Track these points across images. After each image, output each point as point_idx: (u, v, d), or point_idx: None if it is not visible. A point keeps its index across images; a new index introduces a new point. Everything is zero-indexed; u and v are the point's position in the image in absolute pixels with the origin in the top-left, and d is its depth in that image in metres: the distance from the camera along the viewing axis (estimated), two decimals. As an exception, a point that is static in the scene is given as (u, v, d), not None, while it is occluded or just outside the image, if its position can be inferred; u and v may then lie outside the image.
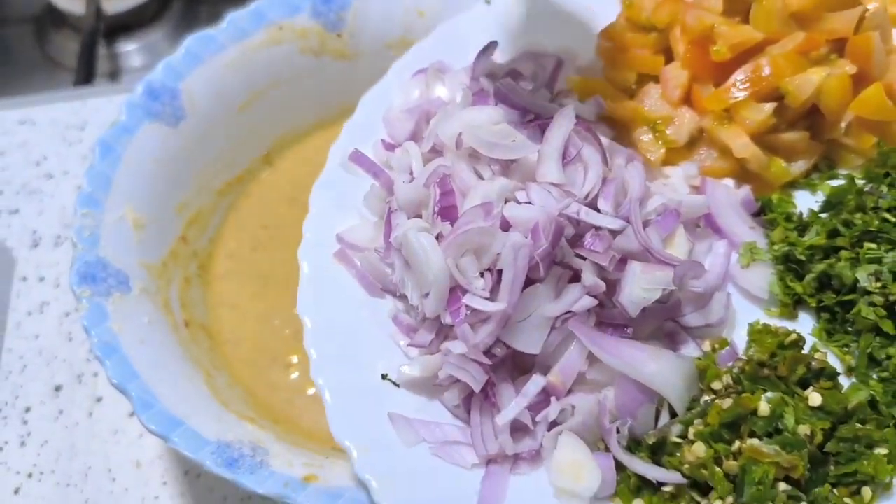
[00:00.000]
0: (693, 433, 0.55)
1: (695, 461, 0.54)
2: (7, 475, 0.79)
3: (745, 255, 0.64)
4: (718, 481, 0.53)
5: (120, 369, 0.63)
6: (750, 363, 0.57)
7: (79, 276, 0.67)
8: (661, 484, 0.55)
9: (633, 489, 0.56)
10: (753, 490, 0.51)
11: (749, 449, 0.52)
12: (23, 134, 1.03)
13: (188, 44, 0.80)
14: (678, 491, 0.55)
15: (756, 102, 0.67)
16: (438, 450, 0.58)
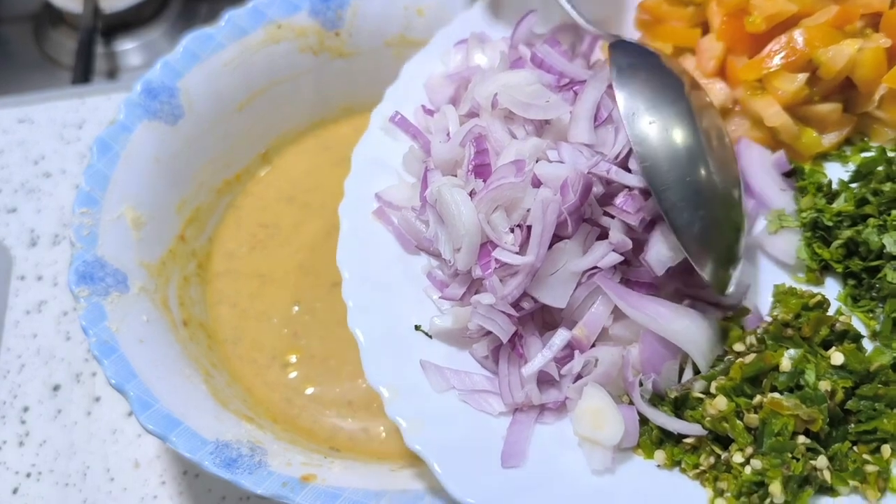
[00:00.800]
0: (715, 387, 0.56)
1: (716, 414, 0.55)
2: (5, 475, 0.79)
3: (774, 221, 0.65)
4: (739, 433, 0.54)
5: (118, 369, 0.62)
6: (774, 323, 0.58)
7: (77, 275, 0.66)
8: (682, 436, 0.56)
9: (655, 441, 0.57)
10: (773, 441, 0.53)
11: (770, 402, 0.54)
12: (21, 133, 1.03)
13: (186, 42, 0.79)
14: (699, 443, 0.56)
15: (789, 73, 0.67)
16: (467, 397, 0.60)
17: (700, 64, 0.72)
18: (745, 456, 0.54)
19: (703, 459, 0.56)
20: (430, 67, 0.77)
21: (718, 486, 0.55)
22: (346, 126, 0.89)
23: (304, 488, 0.58)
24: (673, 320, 0.58)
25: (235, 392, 0.72)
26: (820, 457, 0.53)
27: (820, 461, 0.53)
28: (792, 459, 0.53)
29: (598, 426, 0.56)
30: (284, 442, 0.65)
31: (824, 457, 0.53)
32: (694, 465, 0.56)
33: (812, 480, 0.53)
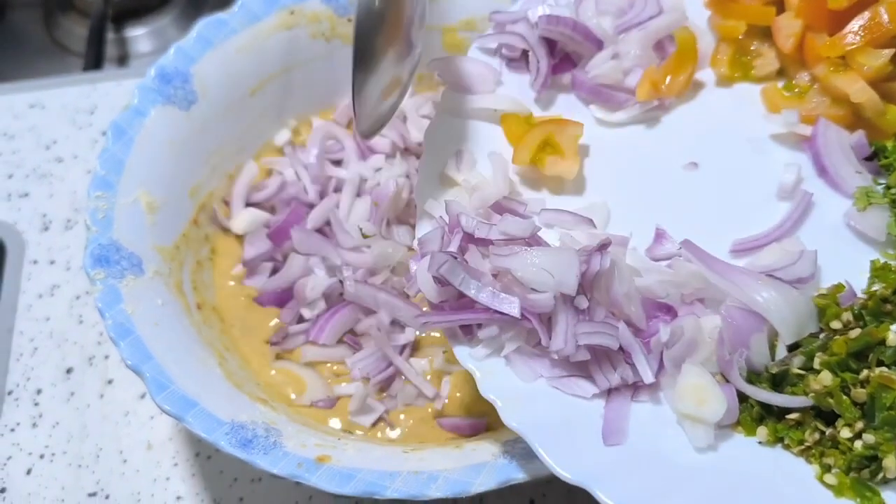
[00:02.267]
0: (819, 363, 0.55)
1: (821, 389, 0.54)
2: (19, 456, 0.79)
3: (862, 198, 0.64)
4: (846, 408, 0.54)
5: (134, 350, 0.63)
6: (873, 298, 0.57)
7: (92, 258, 0.67)
8: (783, 413, 0.56)
9: (756, 418, 0.57)
10: (885, 415, 0.52)
11: (879, 376, 0.53)
12: (33, 118, 1.03)
13: (200, 28, 0.80)
14: (803, 419, 0.55)
15: (874, 49, 0.67)
16: (556, 383, 0.59)
17: (777, 41, 0.72)
18: (855, 431, 0.53)
19: (808, 435, 0.55)
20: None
21: (825, 461, 0.54)
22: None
23: (320, 469, 0.58)
24: (759, 289, 0.57)
25: (248, 375, 0.72)
26: None
27: None
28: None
29: (700, 402, 0.55)
30: (298, 424, 0.66)
31: None
32: (799, 440, 0.55)
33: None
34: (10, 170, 0.99)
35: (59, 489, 0.77)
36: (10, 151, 1.01)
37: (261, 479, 0.77)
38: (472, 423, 0.71)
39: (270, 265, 0.80)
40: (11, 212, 0.96)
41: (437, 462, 0.60)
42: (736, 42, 0.75)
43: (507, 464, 0.59)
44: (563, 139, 0.68)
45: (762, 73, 0.74)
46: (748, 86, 0.74)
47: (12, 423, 0.81)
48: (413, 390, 0.73)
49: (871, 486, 0.53)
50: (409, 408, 0.73)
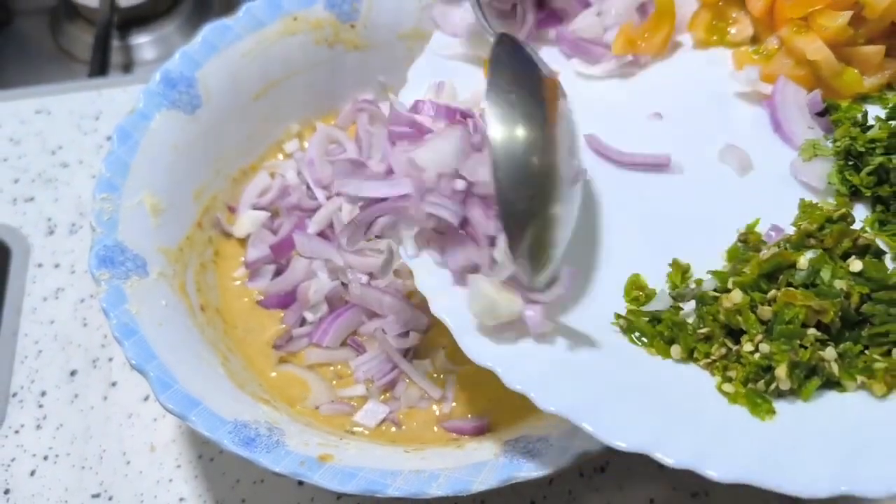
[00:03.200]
0: (731, 282, 0.58)
1: (731, 307, 0.57)
2: (23, 457, 0.80)
3: (808, 150, 0.68)
4: (751, 324, 0.56)
5: (138, 350, 0.63)
6: (797, 233, 0.59)
7: (97, 259, 0.68)
8: (696, 329, 0.59)
9: (667, 339, 0.59)
10: (782, 328, 0.54)
11: (784, 293, 0.55)
12: (39, 123, 1.04)
13: (204, 33, 0.81)
14: (712, 333, 0.58)
15: (834, 11, 0.70)
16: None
17: (748, 4, 0.75)
18: (755, 344, 0.56)
19: (715, 350, 0.57)
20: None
21: (727, 374, 0.56)
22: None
23: (322, 467, 0.59)
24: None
25: (251, 376, 0.73)
26: (828, 348, 0.55)
27: (828, 352, 0.55)
28: (800, 347, 0.54)
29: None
30: (300, 424, 0.66)
31: (833, 349, 0.55)
32: (705, 353, 0.57)
33: (819, 371, 0.55)
34: (16, 174, 1.00)
35: (63, 490, 0.78)
36: (15, 156, 1.01)
37: (263, 481, 0.77)
38: (475, 425, 0.71)
39: (273, 267, 0.81)
40: (17, 216, 0.96)
41: (439, 461, 0.61)
42: (715, 8, 0.78)
43: (508, 463, 0.59)
44: None
45: (737, 38, 0.77)
46: (723, 50, 0.77)
47: (16, 425, 0.82)
48: (416, 392, 0.74)
49: (764, 395, 0.55)
50: (412, 410, 0.73)
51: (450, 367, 0.75)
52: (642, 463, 0.77)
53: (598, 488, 0.76)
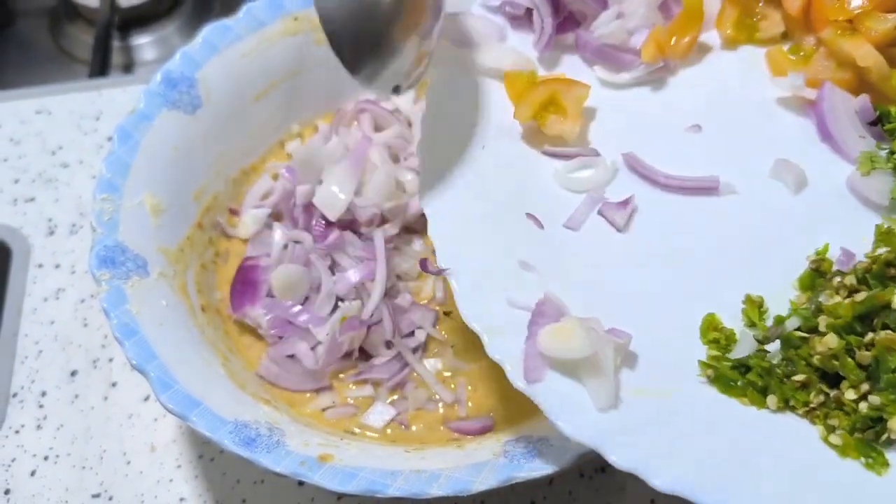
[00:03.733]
0: (824, 325, 0.55)
1: (826, 352, 0.54)
2: (23, 457, 0.80)
3: (865, 163, 0.64)
4: (851, 370, 0.54)
5: (139, 350, 0.63)
6: (877, 262, 0.57)
7: (98, 259, 0.68)
8: (788, 376, 0.56)
9: (760, 389, 0.56)
10: (890, 377, 0.52)
11: (884, 338, 0.53)
12: (39, 123, 1.04)
13: (205, 33, 0.81)
14: (808, 380, 0.55)
15: (882, 13, 0.67)
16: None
17: (784, 3, 0.71)
18: (859, 393, 0.54)
19: (813, 397, 0.55)
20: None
21: (829, 422, 0.54)
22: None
23: (322, 467, 0.59)
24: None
25: (251, 376, 0.73)
26: None
27: None
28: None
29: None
30: (300, 424, 0.66)
31: None
32: (804, 402, 0.55)
33: None
34: (17, 174, 1.00)
35: (63, 491, 0.78)
36: (16, 156, 1.01)
37: (263, 482, 0.77)
38: (480, 425, 0.71)
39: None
40: (17, 216, 0.97)
41: (439, 461, 0.61)
42: (741, 3, 0.74)
43: (509, 463, 0.59)
44: (568, 99, 0.68)
45: (767, 35, 0.73)
46: (753, 49, 0.74)
47: (17, 425, 0.82)
48: (424, 394, 0.73)
49: (875, 446, 0.53)
50: (420, 411, 0.73)
51: (458, 366, 0.75)
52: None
53: (599, 488, 0.76)
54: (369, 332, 0.74)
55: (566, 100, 0.68)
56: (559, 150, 0.68)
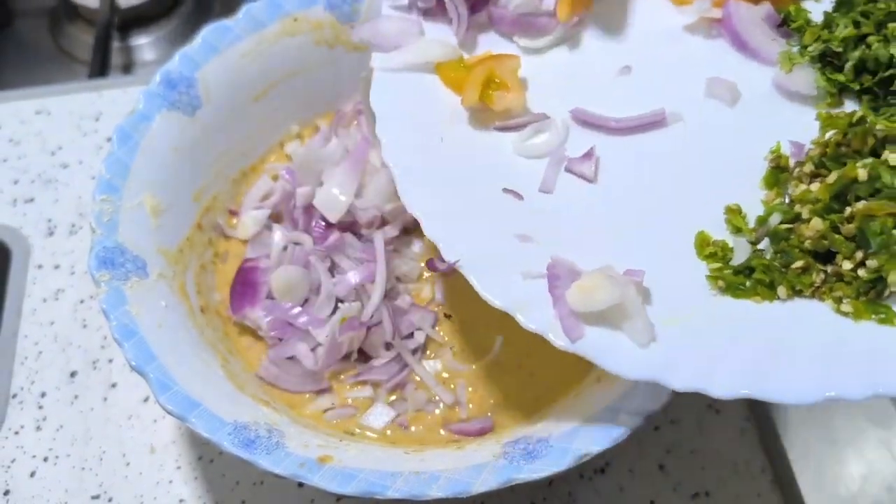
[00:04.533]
0: (807, 212, 0.61)
1: (815, 235, 0.60)
2: (23, 458, 0.80)
3: (785, 62, 0.71)
4: (841, 244, 0.59)
5: (138, 352, 0.63)
6: (829, 146, 0.63)
7: (98, 260, 0.67)
8: (787, 266, 0.61)
9: (767, 284, 0.61)
10: (879, 239, 0.58)
11: (861, 209, 0.59)
12: (38, 124, 1.04)
13: (204, 34, 0.81)
14: (806, 265, 0.60)
15: None
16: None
17: None
18: (855, 262, 0.59)
19: (816, 277, 0.60)
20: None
21: (835, 295, 0.59)
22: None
23: (322, 469, 0.59)
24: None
25: (251, 377, 0.73)
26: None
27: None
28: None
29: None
30: (300, 426, 0.66)
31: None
32: (809, 284, 0.60)
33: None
34: (16, 175, 1.00)
35: (63, 492, 0.78)
36: (15, 157, 1.01)
37: (262, 483, 0.77)
38: (480, 427, 0.71)
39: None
40: (17, 216, 0.96)
41: (438, 462, 0.61)
42: None
43: (508, 464, 0.59)
44: (505, 73, 0.70)
45: None
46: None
47: (16, 426, 0.82)
48: (423, 395, 0.73)
49: (881, 303, 0.58)
50: (419, 413, 0.73)
51: (457, 368, 0.75)
52: (642, 464, 0.77)
53: (598, 490, 0.76)
54: (369, 334, 0.74)
55: (503, 74, 0.70)
56: (510, 122, 0.70)
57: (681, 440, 0.79)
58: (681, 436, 0.79)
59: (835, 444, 0.78)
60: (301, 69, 0.86)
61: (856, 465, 0.77)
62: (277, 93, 0.85)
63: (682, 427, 0.80)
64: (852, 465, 0.77)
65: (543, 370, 0.74)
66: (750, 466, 0.78)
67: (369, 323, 0.74)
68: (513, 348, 0.75)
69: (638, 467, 0.77)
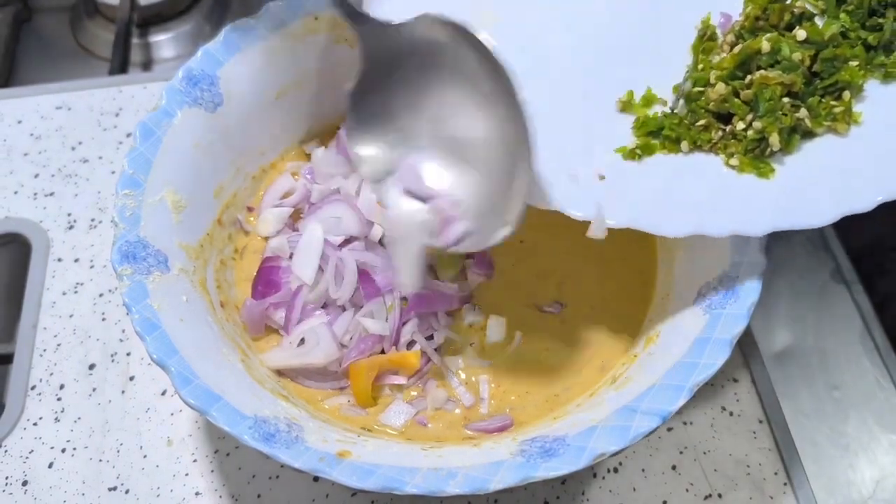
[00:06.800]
0: (713, 77, 0.70)
1: (717, 98, 0.69)
2: (41, 449, 0.81)
3: None
4: (738, 107, 0.69)
5: (160, 345, 0.64)
6: (748, 19, 0.72)
7: (120, 254, 0.68)
8: (693, 123, 0.71)
9: (674, 139, 0.71)
10: (766, 105, 0.67)
11: (759, 78, 0.67)
12: (59, 119, 1.05)
13: (227, 32, 0.81)
14: (708, 124, 0.70)
15: None
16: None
17: None
18: (746, 123, 0.68)
19: (714, 135, 0.70)
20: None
21: (728, 151, 0.69)
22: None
23: (341, 464, 0.59)
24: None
25: (269, 372, 0.73)
26: (801, 109, 0.67)
27: (802, 112, 0.67)
28: (782, 115, 0.67)
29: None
30: (319, 421, 0.67)
31: (804, 108, 0.67)
32: (708, 140, 0.70)
33: (798, 128, 0.68)
34: (37, 169, 1.01)
35: (80, 483, 0.78)
36: (36, 151, 1.02)
37: (279, 477, 0.78)
38: (500, 425, 0.71)
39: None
40: (37, 210, 0.97)
41: (456, 459, 0.61)
42: None
43: (526, 462, 0.60)
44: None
45: None
46: None
47: (35, 418, 0.83)
48: (443, 394, 0.74)
49: (762, 159, 0.68)
50: (438, 412, 0.73)
51: (479, 364, 0.76)
52: (655, 465, 0.78)
53: (612, 489, 0.77)
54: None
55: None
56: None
57: (694, 441, 0.79)
58: (694, 437, 0.80)
59: (847, 448, 0.78)
60: (322, 68, 0.87)
61: (868, 469, 0.77)
62: (298, 91, 0.86)
63: (696, 428, 0.80)
64: (865, 469, 0.77)
65: (562, 366, 0.74)
66: (763, 469, 0.78)
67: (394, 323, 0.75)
68: (531, 344, 0.76)
69: (651, 468, 0.78)
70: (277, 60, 0.83)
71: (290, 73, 0.85)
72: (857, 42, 0.71)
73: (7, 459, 0.80)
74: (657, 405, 0.61)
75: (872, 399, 0.81)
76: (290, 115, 0.86)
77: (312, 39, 0.85)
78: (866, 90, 0.70)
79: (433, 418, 0.73)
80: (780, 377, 0.81)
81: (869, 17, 0.72)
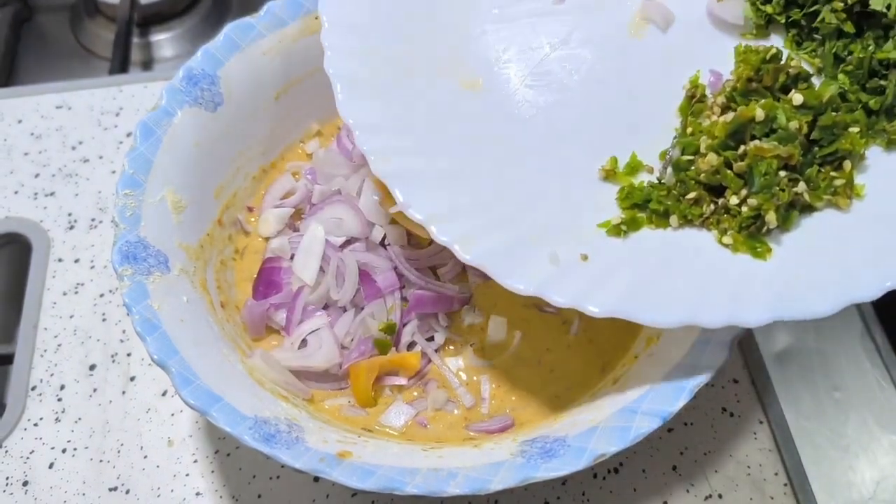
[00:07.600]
0: (704, 147, 0.65)
1: (709, 169, 0.64)
2: (42, 450, 0.81)
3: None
4: (731, 180, 0.64)
5: (160, 345, 0.64)
6: (740, 80, 0.67)
7: (120, 254, 0.68)
8: (682, 196, 0.66)
9: (662, 213, 0.66)
10: (762, 180, 0.62)
11: (753, 149, 0.63)
12: (59, 119, 1.05)
13: (227, 31, 0.81)
14: (699, 196, 0.66)
15: None
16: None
17: None
18: (740, 198, 0.64)
19: (705, 208, 0.65)
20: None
21: (721, 226, 0.65)
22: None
23: (341, 464, 0.59)
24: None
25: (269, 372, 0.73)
26: (800, 183, 0.63)
27: (800, 186, 0.63)
28: (779, 191, 0.63)
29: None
30: (319, 421, 0.67)
31: (802, 182, 0.64)
32: (699, 214, 0.65)
33: (796, 204, 0.64)
34: (37, 169, 1.01)
35: (81, 483, 0.78)
36: (36, 151, 1.02)
37: (279, 477, 0.78)
38: (500, 426, 0.71)
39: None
40: (38, 210, 0.97)
41: (456, 460, 0.61)
42: None
43: (526, 463, 0.60)
44: None
45: None
46: None
47: (35, 418, 0.83)
48: (444, 395, 0.74)
49: (759, 238, 0.63)
50: (438, 413, 0.73)
51: (479, 365, 0.76)
52: (656, 465, 0.78)
53: (612, 490, 0.77)
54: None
55: None
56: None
57: (694, 442, 0.79)
58: (694, 438, 0.80)
59: (847, 449, 0.78)
60: (321, 67, 0.86)
61: (868, 470, 0.77)
62: (298, 91, 0.86)
63: (696, 429, 0.80)
64: (865, 470, 0.77)
65: (563, 366, 0.74)
66: (763, 470, 0.78)
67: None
68: (532, 344, 0.76)
69: (651, 468, 0.78)
70: (278, 60, 0.83)
71: (290, 72, 0.85)
72: (857, 105, 0.66)
73: (7, 460, 0.80)
74: (657, 406, 0.61)
75: (873, 400, 0.80)
76: (290, 114, 0.86)
77: (313, 39, 0.85)
78: (868, 159, 0.66)
79: (433, 419, 0.73)
80: (780, 378, 0.81)
81: (869, 79, 0.67)
